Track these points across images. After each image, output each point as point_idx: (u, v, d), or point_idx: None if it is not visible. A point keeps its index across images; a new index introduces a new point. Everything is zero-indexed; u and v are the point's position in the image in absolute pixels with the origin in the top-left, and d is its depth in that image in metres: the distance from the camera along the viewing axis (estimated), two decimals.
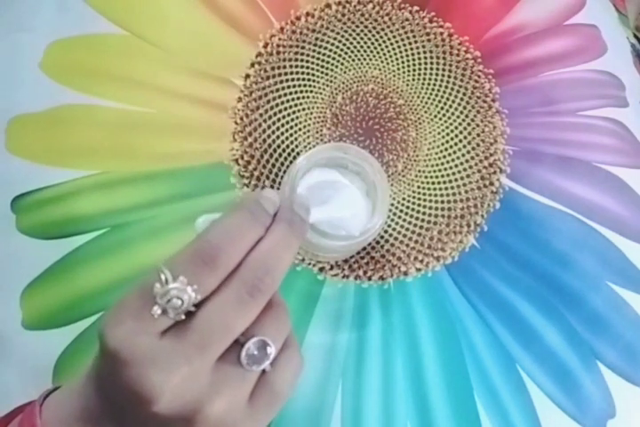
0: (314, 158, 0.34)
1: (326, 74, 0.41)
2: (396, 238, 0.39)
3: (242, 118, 0.40)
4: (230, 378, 0.22)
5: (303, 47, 0.42)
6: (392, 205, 0.40)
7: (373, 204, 0.34)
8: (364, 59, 0.43)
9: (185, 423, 0.21)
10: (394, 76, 0.43)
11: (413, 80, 0.43)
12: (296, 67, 0.41)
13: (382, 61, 0.43)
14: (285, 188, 0.33)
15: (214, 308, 0.22)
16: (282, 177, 0.39)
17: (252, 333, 0.22)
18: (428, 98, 0.43)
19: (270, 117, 0.40)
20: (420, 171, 0.41)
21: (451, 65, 0.44)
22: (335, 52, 0.42)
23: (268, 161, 0.39)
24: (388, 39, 0.43)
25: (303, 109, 0.40)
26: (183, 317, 0.22)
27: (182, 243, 0.36)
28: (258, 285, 0.22)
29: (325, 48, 0.42)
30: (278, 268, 0.23)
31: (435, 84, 0.43)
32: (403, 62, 0.43)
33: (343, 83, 0.42)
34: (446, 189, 0.41)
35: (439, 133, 0.42)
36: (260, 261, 0.23)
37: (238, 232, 0.23)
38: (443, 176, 0.41)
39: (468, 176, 0.41)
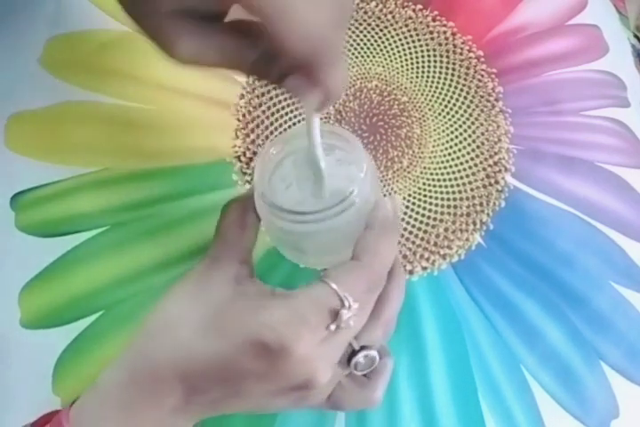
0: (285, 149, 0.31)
1: None
2: (402, 235, 0.39)
3: (244, 115, 0.40)
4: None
5: None
6: None
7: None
8: (368, 56, 0.43)
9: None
10: (397, 73, 0.43)
11: (417, 78, 0.43)
12: None
13: (386, 59, 0.43)
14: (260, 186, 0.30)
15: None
16: None
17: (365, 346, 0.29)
18: (432, 96, 0.43)
19: (273, 114, 0.40)
20: (425, 167, 0.41)
21: (454, 64, 0.44)
22: None
23: None
24: (392, 37, 0.43)
25: None
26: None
27: (183, 241, 0.36)
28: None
29: None
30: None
31: (438, 83, 0.43)
32: (406, 60, 0.43)
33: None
34: (452, 186, 0.41)
35: (444, 131, 0.42)
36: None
37: (390, 258, 0.29)
38: (448, 173, 0.41)
39: (473, 174, 0.41)
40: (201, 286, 0.29)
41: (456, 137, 0.42)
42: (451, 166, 0.41)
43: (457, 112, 0.43)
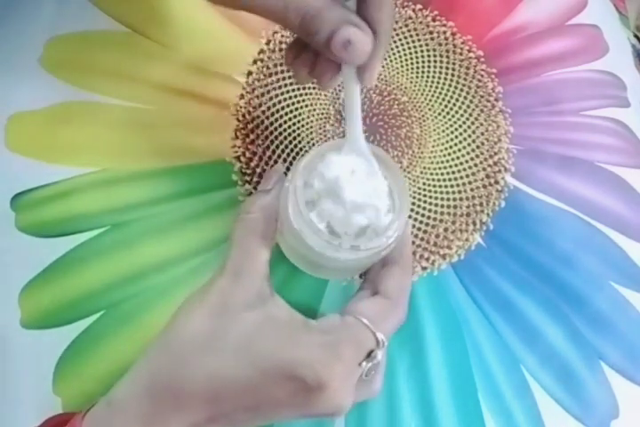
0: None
1: None
2: None
3: (244, 115, 0.40)
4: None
5: None
6: None
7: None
8: None
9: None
10: (397, 73, 0.43)
11: (417, 78, 0.43)
12: None
13: (385, 59, 0.42)
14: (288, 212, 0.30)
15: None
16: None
17: None
18: (432, 96, 0.43)
19: (273, 114, 0.40)
20: (425, 168, 0.41)
21: (454, 64, 0.44)
22: None
23: (270, 158, 0.39)
24: (392, 37, 0.43)
25: (306, 106, 0.40)
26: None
27: (183, 241, 0.36)
28: None
29: None
30: None
31: (438, 83, 0.43)
32: (406, 60, 0.43)
33: None
34: (452, 186, 0.41)
35: (443, 131, 0.42)
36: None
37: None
38: (448, 173, 0.41)
39: (473, 174, 0.41)
40: (225, 304, 0.29)
41: (456, 137, 0.42)
42: (450, 166, 0.41)
43: (457, 112, 0.43)
